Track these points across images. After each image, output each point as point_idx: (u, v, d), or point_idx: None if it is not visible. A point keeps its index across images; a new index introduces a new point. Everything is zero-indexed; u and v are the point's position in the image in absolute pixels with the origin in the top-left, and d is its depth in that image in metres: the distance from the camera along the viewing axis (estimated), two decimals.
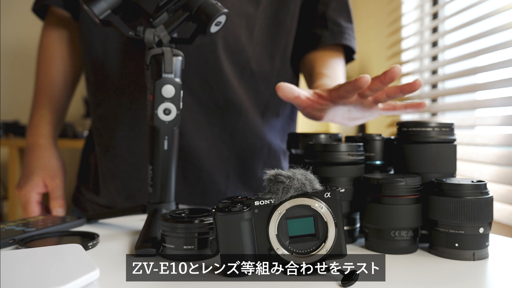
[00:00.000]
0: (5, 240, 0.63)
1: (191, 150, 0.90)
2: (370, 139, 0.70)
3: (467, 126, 1.63)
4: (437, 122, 0.64)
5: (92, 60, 0.92)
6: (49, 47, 0.99)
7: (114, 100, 0.91)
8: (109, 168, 0.92)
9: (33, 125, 0.96)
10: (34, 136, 0.95)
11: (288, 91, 0.70)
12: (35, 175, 0.91)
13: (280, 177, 0.51)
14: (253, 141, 0.94)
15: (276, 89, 0.70)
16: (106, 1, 0.68)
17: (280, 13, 0.92)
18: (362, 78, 0.63)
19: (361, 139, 0.71)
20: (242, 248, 0.50)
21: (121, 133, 0.90)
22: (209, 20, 0.67)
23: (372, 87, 0.67)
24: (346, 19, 0.99)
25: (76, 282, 0.42)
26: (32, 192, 0.91)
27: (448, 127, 0.64)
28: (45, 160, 0.93)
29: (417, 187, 0.61)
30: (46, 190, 0.93)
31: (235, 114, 0.91)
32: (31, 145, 0.95)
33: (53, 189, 0.92)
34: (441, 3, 1.91)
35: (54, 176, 0.93)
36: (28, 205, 0.90)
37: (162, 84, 0.67)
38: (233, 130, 0.92)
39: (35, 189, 0.91)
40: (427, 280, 0.51)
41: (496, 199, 1.21)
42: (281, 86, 0.70)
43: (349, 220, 0.66)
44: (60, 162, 0.96)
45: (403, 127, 0.66)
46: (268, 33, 0.92)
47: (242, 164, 0.94)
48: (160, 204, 0.69)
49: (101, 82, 0.92)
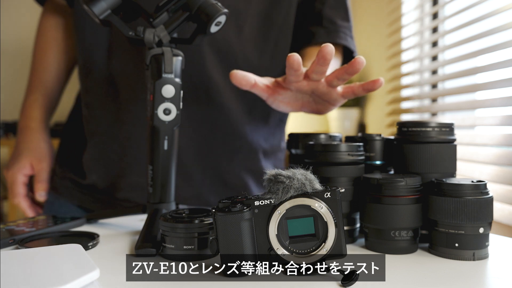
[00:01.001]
0: (5, 240, 0.63)
1: None
2: (370, 139, 0.70)
3: (467, 126, 1.63)
4: (437, 122, 0.64)
5: (82, 47, 0.93)
6: (45, 33, 1.01)
7: (100, 89, 0.91)
8: (93, 154, 0.93)
9: (26, 108, 0.98)
10: (26, 118, 0.97)
11: (241, 78, 0.69)
12: (23, 157, 0.94)
13: (280, 177, 0.51)
14: (233, 138, 0.93)
15: (230, 77, 0.69)
16: (106, 1, 0.68)
17: (272, 11, 0.92)
18: (291, 57, 0.64)
19: (361, 139, 0.71)
20: (242, 248, 0.50)
21: (106, 121, 0.91)
22: (209, 20, 0.67)
23: (314, 69, 0.68)
24: (343, 17, 0.98)
25: (76, 282, 0.42)
26: (19, 174, 0.93)
27: (448, 127, 0.64)
28: (34, 143, 0.95)
29: (417, 187, 0.61)
30: (32, 172, 0.95)
31: (217, 111, 0.91)
32: (22, 127, 0.97)
33: (39, 172, 0.95)
34: (441, 3, 1.91)
35: (41, 160, 0.95)
36: (14, 186, 0.93)
37: (162, 84, 0.67)
38: (213, 127, 0.91)
39: (21, 170, 0.93)
40: (427, 280, 0.51)
41: (496, 199, 1.21)
42: (234, 73, 0.69)
43: (349, 220, 0.66)
44: (49, 146, 0.98)
45: (403, 127, 0.66)
46: (259, 30, 0.92)
47: (219, 160, 0.93)
48: (160, 204, 0.69)
49: (90, 69, 0.92)
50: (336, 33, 0.95)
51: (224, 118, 0.92)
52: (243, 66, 0.91)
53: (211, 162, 0.93)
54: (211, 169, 0.93)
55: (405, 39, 2.15)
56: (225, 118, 0.92)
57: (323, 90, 0.74)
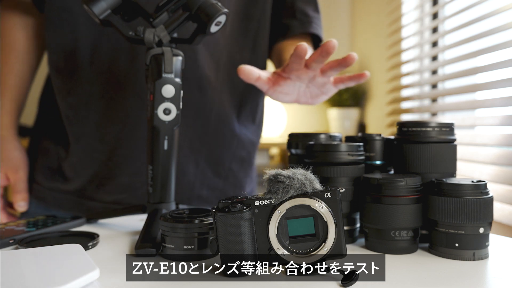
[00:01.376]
0: (5, 240, 0.63)
1: None
2: (370, 139, 0.70)
3: (467, 126, 1.63)
4: (437, 122, 0.64)
5: (62, 48, 0.90)
6: (6, 34, 0.95)
7: (85, 89, 0.90)
8: (80, 157, 0.91)
9: None
10: None
11: (249, 73, 0.75)
12: None
13: (280, 177, 0.51)
14: (224, 131, 0.96)
15: (238, 72, 0.75)
16: (106, 1, 0.68)
17: (249, 6, 0.96)
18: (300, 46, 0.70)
19: (361, 139, 0.71)
20: (242, 248, 0.50)
21: (92, 122, 0.90)
22: (209, 20, 0.67)
23: (315, 59, 0.72)
24: (313, 9, 1.04)
25: (76, 282, 0.42)
26: None
27: (448, 127, 0.64)
28: (7, 152, 0.92)
29: (417, 187, 0.61)
30: (8, 183, 0.92)
31: (209, 106, 0.93)
32: None
33: (16, 182, 0.92)
34: (441, 3, 1.91)
35: (17, 169, 0.92)
36: None
37: (162, 84, 0.67)
38: (205, 122, 0.93)
39: None
40: (427, 280, 0.51)
41: (496, 199, 1.21)
42: (242, 68, 0.75)
43: (349, 220, 0.66)
44: (23, 154, 0.95)
45: (403, 127, 0.66)
46: (239, 26, 0.95)
47: (212, 154, 0.95)
48: (160, 204, 0.69)
49: (72, 70, 0.90)
50: (309, 23, 1.01)
51: (216, 112, 0.94)
52: (228, 61, 0.94)
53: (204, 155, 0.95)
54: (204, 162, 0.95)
55: (405, 39, 2.15)
56: (217, 113, 0.94)
57: (319, 80, 0.79)
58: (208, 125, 0.94)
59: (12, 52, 0.96)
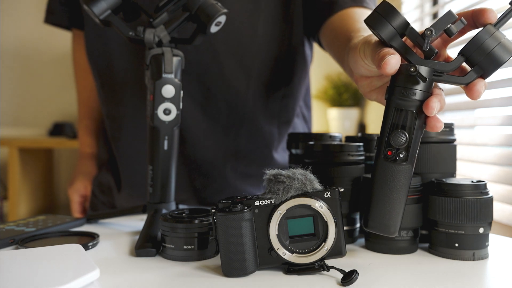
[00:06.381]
0: (5, 240, 0.63)
1: (196, 158, 0.91)
2: (370, 139, 0.70)
3: (467, 126, 1.63)
4: None
5: (94, 60, 0.94)
6: (80, 60, 1.07)
7: (117, 97, 0.93)
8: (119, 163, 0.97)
9: (81, 136, 1.12)
10: (82, 145, 1.11)
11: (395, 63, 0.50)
12: (77, 180, 1.08)
13: (280, 177, 0.51)
14: (256, 139, 0.93)
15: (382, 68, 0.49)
16: (106, 1, 0.68)
17: (285, 5, 0.89)
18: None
19: (361, 139, 0.71)
20: (242, 248, 0.50)
21: (125, 129, 0.94)
22: (209, 20, 0.67)
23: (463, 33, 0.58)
24: None
25: (76, 282, 0.42)
26: (75, 195, 1.08)
27: (448, 127, 0.64)
28: (87, 167, 1.09)
29: (417, 187, 0.61)
30: (86, 193, 1.08)
31: (238, 119, 0.91)
32: (80, 152, 1.12)
33: (89, 193, 1.08)
34: (441, 3, 1.91)
35: (90, 183, 1.08)
36: (71, 204, 1.09)
37: (162, 84, 0.67)
38: (236, 135, 0.92)
39: (76, 192, 1.08)
40: (427, 280, 0.51)
41: (496, 199, 1.21)
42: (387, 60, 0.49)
43: (349, 220, 0.66)
44: (95, 169, 1.09)
45: None
46: (274, 27, 0.89)
47: (244, 165, 0.94)
48: (160, 204, 0.69)
49: (104, 81, 0.94)
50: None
51: (247, 124, 0.92)
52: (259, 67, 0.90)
53: (238, 170, 0.94)
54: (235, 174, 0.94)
55: None
56: (248, 124, 0.92)
57: None
58: (239, 139, 0.93)
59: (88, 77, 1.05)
